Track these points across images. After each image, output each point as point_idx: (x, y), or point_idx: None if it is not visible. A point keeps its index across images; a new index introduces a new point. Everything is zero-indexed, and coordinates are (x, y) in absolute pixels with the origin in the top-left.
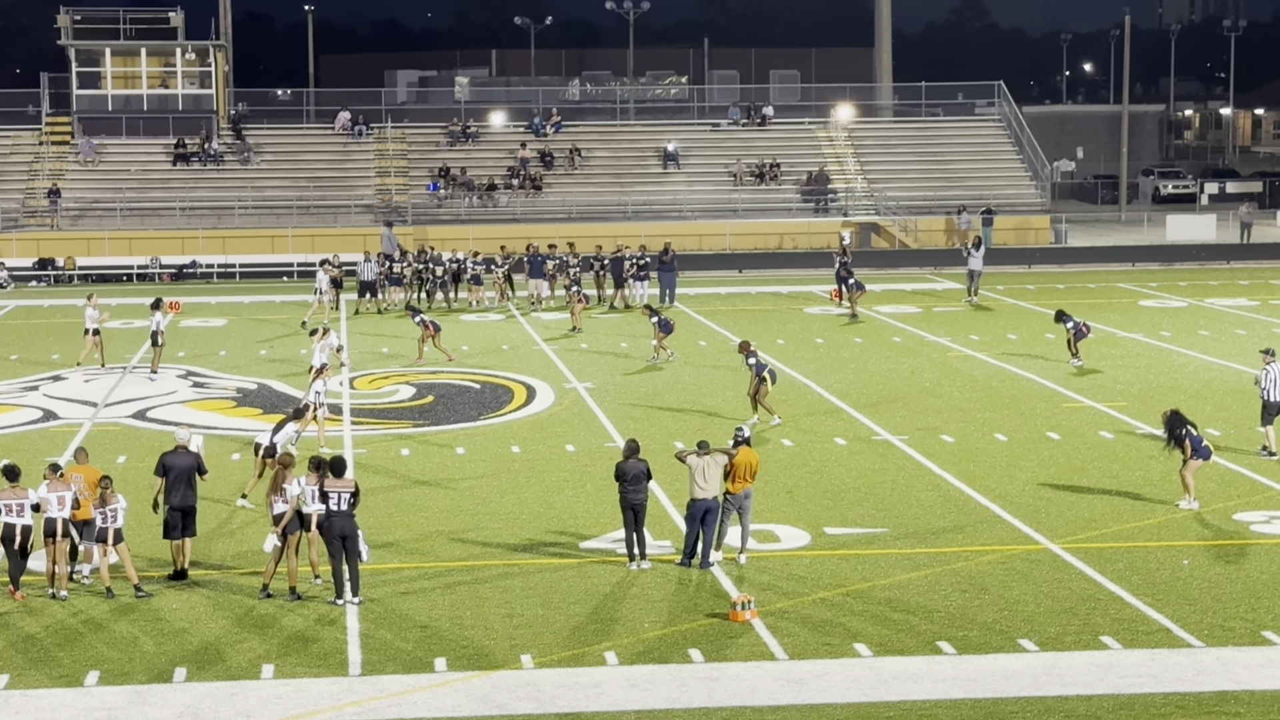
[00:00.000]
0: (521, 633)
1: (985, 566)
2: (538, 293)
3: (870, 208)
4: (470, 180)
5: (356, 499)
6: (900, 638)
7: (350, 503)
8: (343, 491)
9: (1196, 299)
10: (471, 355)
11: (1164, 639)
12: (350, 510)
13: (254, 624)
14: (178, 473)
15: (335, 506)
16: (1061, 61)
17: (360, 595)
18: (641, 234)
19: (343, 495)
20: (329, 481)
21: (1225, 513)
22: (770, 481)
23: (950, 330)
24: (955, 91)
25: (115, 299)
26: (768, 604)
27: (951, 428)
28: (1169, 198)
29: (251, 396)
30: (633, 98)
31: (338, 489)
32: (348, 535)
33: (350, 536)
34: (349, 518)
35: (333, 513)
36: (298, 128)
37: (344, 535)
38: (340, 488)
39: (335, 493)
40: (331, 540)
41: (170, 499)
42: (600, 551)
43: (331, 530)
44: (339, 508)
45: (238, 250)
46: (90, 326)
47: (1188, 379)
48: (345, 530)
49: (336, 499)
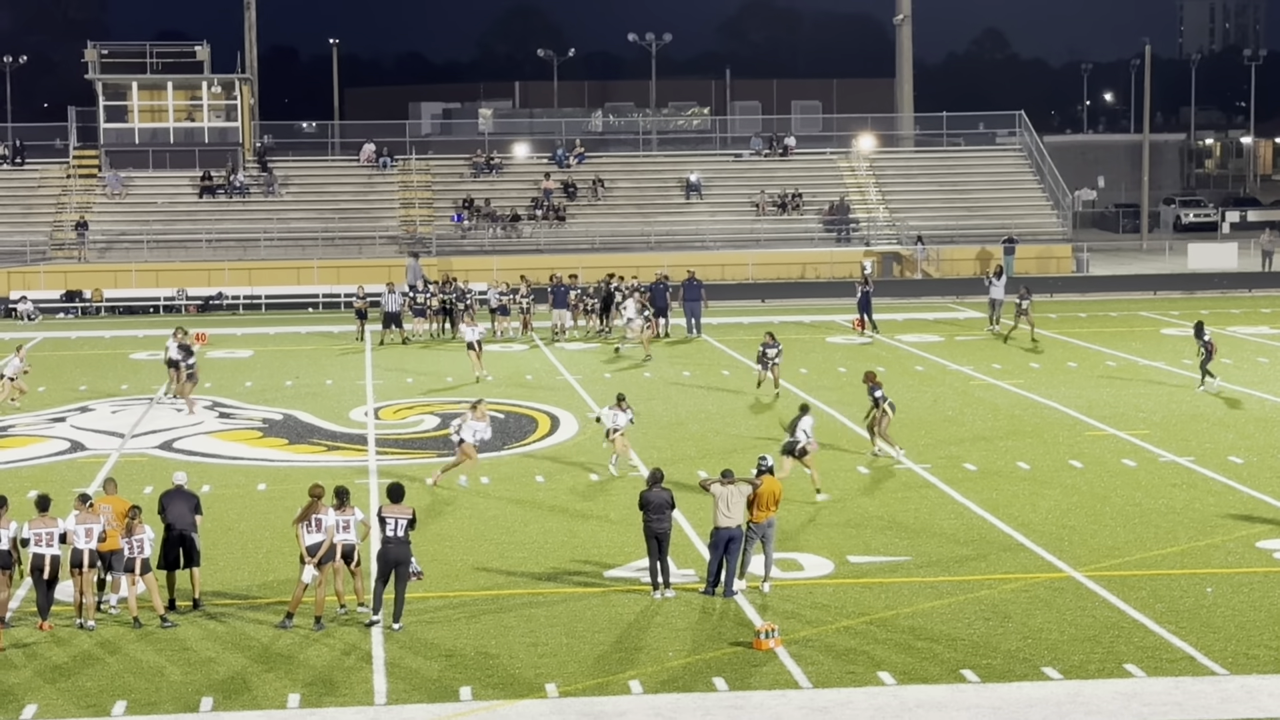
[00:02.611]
0: (546, 661)
1: (1008, 594)
2: (561, 323)
3: (892, 237)
4: (494, 211)
5: (413, 525)
6: (924, 666)
7: (408, 529)
8: (400, 518)
9: (1218, 327)
10: (496, 385)
11: (1188, 667)
12: (406, 537)
13: (279, 654)
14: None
15: (392, 533)
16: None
17: (401, 623)
18: (664, 264)
19: (400, 521)
20: (386, 508)
21: (1249, 540)
22: (794, 510)
23: (972, 359)
24: (976, 121)
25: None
26: (791, 632)
27: (974, 456)
28: (1190, 226)
29: (277, 427)
30: (655, 129)
31: (395, 515)
32: (401, 562)
33: (403, 563)
34: (405, 544)
35: (388, 539)
36: (323, 160)
37: (398, 562)
38: (398, 514)
39: (393, 519)
40: (384, 564)
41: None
42: (624, 580)
43: (386, 556)
44: (396, 534)
45: (263, 282)
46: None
47: (1210, 407)
48: (400, 557)
49: (394, 525)
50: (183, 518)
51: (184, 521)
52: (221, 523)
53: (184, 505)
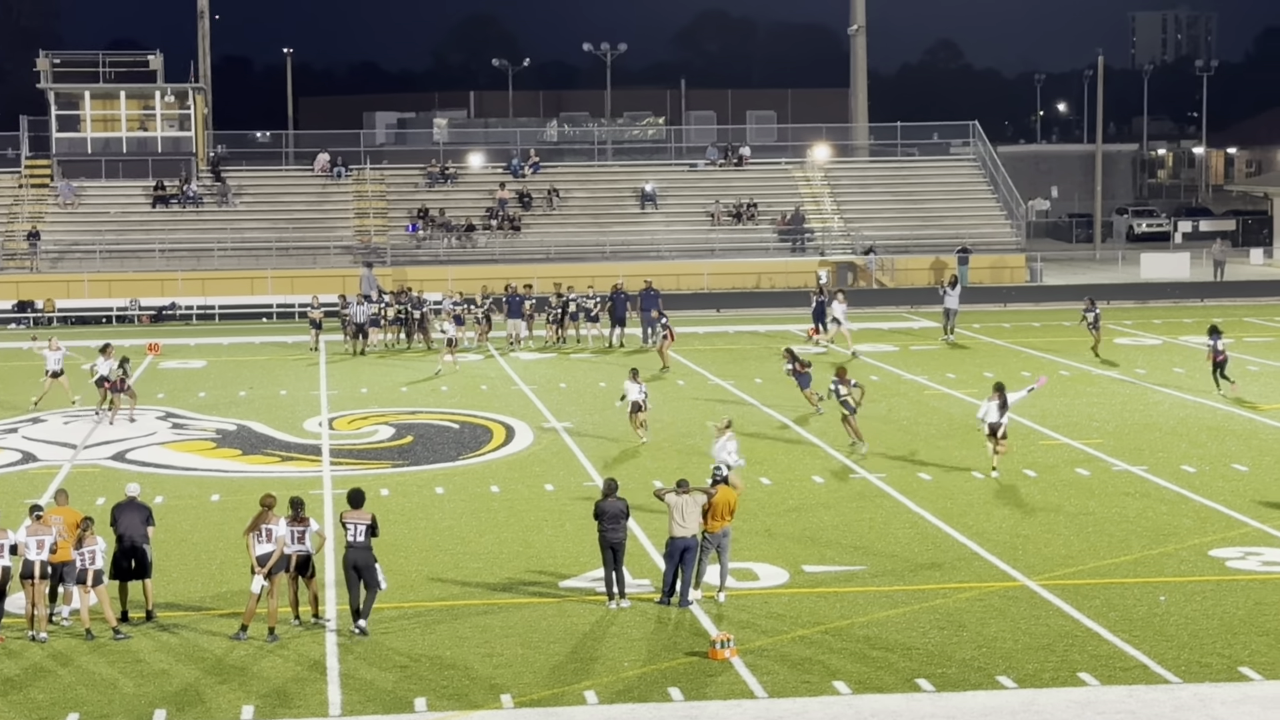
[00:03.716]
0: (501, 672)
1: (963, 604)
2: (516, 333)
3: (847, 247)
4: (449, 221)
5: (374, 531)
6: (879, 675)
7: (368, 535)
8: (359, 523)
9: (1171, 336)
10: (451, 395)
11: (1141, 675)
12: (367, 542)
13: (233, 666)
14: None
15: (353, 538)
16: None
17: (364, 625)
18: (620, 274)
19: (360, 526)
20: (347, 514)
21: (1201, 549)
22: (749, 520)
23: (927, 368)
24: (930, 131)
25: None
26: (747, 642)
27: (929, 465)
28: (1143, 236)
29: (231, 438)
30: (610, 138)
31: (355, 520)
32: (363, 567)
33: (366, 568)
34: (366, 550)
35: (350, 544)
36: (277, 169)
37: (359, 566)
38: (357, 519)
39: (353, 524)
40: (348, 571)
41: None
42: (579, 590)
43: (347, 561)
44: (356, 539)
45: (217, 292)
46: (53, 369)
47: (1163, 416)
48: (361, 562)
49: (354, 530)
50: (134, 529)
51: (135, 533)
52: (175, 534)
53: (136, 516)
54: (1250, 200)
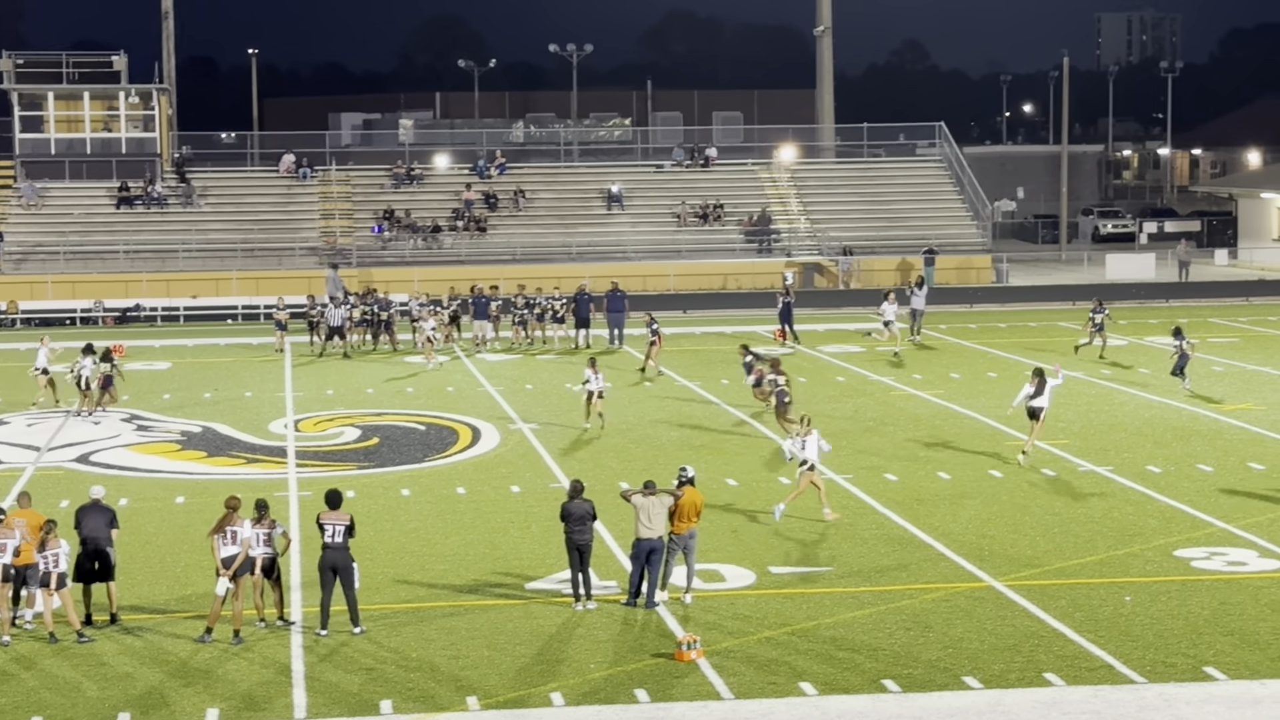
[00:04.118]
0: (467, 674)
1: (929, 604)
2: (482, 334)
3: (813, 248)
4: (415, 222)
5: (352, 531)
6: (845, 676)
7: (346, 535)
8: (338, 524)
9: (1136, 337)
10: (416, 397)
11: (1107, 675)
12: (345, 543)
13: (198, 669)
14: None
15: (330, 539)
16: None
17: (362, 625)
18: (586, 275)
19: (338, 527)
20: (325, 514)
21: (1166, 549)
22: (715, 521)
23: (893, 370)
24: (897, 133)
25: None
26: (713, 643)
27: (895, 466)
28: (1108, 237)
29: (196, 439)
30: (576, 139)
31: (333, 521)
32: (340, 568)
33: (344, 569)
34: (344, 550)
35: (327, 545)
36: (242, 170)
37: (335, 568)
38: (335, 520)
39: (331, 525)
40: (324, 572)
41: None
42: (546, 592)
43: (325, 562)
44: (334, 540)
45: (182, 293)
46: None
47: (1129, 417)
48: (340, 562)
49: (332, 531)
50: (98, 531)
51: (99, 535)
52: (139, 536)
53: (100, 519)
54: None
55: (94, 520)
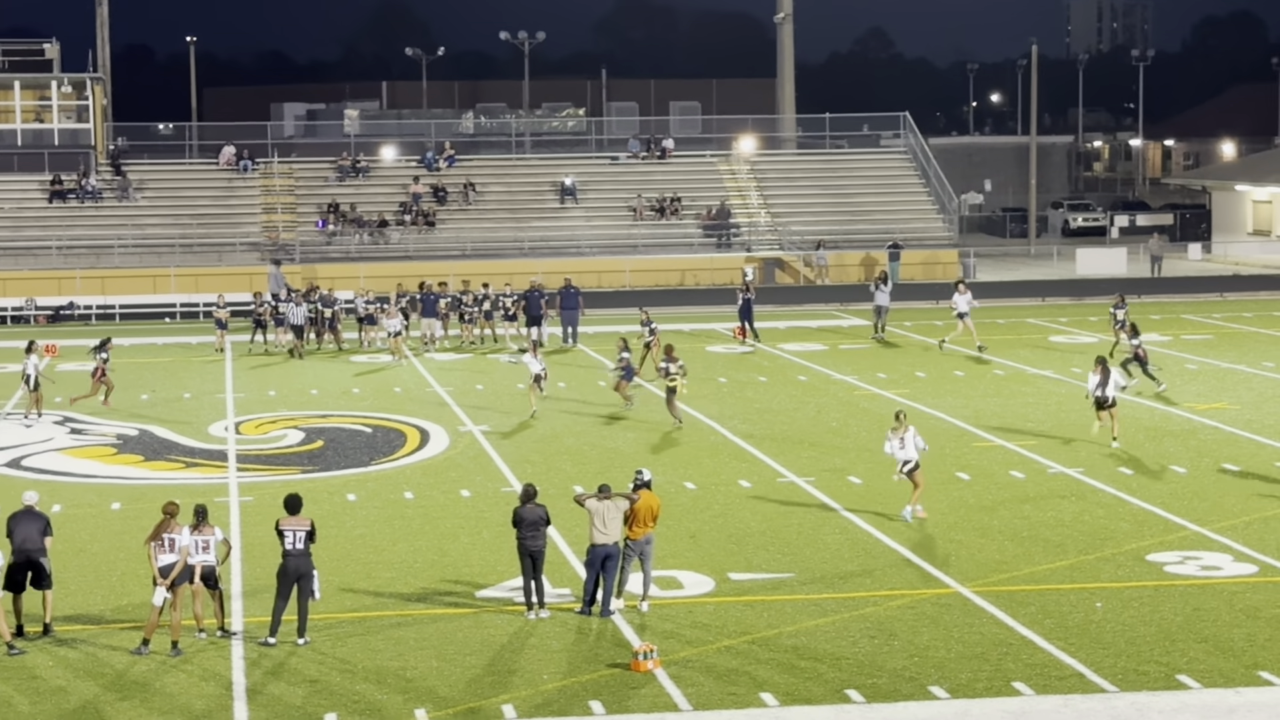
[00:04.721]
0: (415, 686)
1: (894, 611)
2: (431, 333)
3: (774, 243)
4: (360, 216)
5: (313, 537)
6: (808, 686)
7: (307, 541)
8: (298, 529)
9: (1108, 335)
10: (363, 398)
11: (1077, 684)
12: (306, 549)
13: (135, 681)
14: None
15: (291, 545)
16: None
17: (307, 636)
18: (539, 271)
19: (299, 533)
20: (284, 520)
21: (1138, 554)
22: (672, 526)
23: (857, 368)
24: (860, 123)
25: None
26: (671, 653)
27: (859, 469)
28: (1079, 231)
29: (132, 443)
30: (528, 130)
31: (293, 527)
32: (303, 575)
33: (305, 576)
34: (305, 557)
35: (288, 552)
36: (180, 163)
37: (300, 575)
38: (296, 526)
39: (291, 531)
40: (285, 579)
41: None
42: (497, 600)
43: (286, 570)
44: (295, 546)
45: (117, 291)
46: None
47: None
48: (302, 570)
49: (293, 537)
50: (31, 539)
51: (33, 543)
52: (74, 544)
53: (33, 526)
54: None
55: (27, 528)
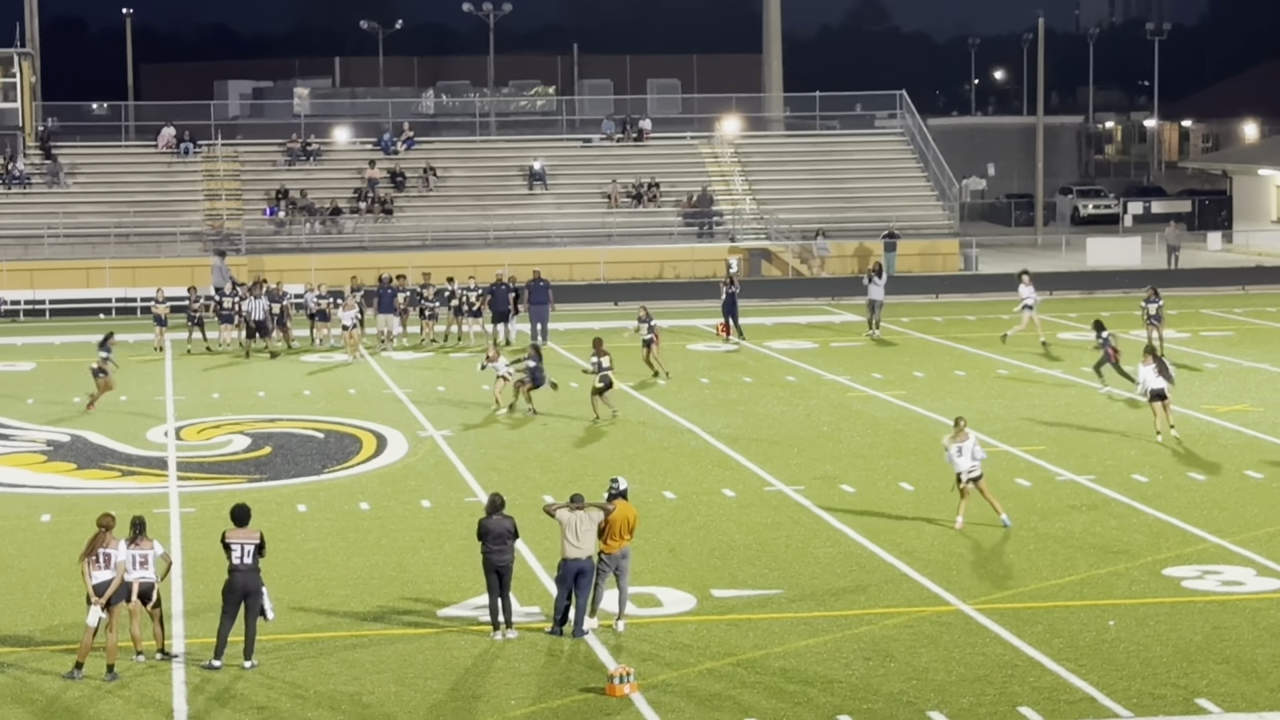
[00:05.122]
0: (372, 713)
1: (891, 631)
2: (388, 329)
3: (760, 232)
4: (312, 204)
5: (262, 550)
6: (797, 711)
7: (256, 555)
8: (246, 543)
9: (1121, 330)
10: (314, 401)
11: (1088, 709)
12: (255, 564)
13: (67, 708)
14: None
15: (239, 560)
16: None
17: (254, 659)
18: (505, 262)
19: (246, 546)
20: (231, 533)
21: (1154, 567)
22: (651, 538)
23: (850, 368)
24: (853, 102)
25: None
26: (649, 676)
27: (852, 476)
28: (1089, 219)
29: (64, 450)
30: (494, 110)
31: (240, 540)
32: (251, 592)
33: (254, 593)
34: (254, 572)
35: (236, 567)
36: (115, 146)
37: (248, 592)
38: (244, 539)
39: (238, 544)
40: (231, 596)
41: None
42: (460, 620)
43: (233, 586)
44: (243, 561)
45: (47, 284)
46: None
47: (1112, 419)
48: (250, 586)
49: (240, 551)
50: None
51: None
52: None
53: None
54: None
55: None
